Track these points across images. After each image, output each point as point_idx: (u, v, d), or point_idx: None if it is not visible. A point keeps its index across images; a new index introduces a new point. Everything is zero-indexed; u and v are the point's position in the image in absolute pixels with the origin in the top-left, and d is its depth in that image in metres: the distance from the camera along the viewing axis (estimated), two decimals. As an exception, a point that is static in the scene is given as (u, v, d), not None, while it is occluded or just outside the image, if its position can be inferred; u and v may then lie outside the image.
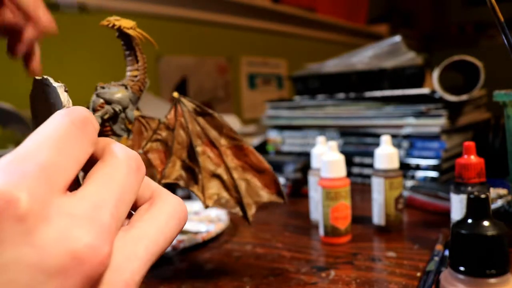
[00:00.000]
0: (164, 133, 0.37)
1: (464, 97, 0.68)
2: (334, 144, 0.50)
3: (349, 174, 0.80)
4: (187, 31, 1.52)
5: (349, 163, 0.80)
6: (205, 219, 0.58)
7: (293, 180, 0.73)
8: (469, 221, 0.30)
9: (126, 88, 0.33)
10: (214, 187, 0.39)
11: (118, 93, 0.32)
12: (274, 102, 0.97)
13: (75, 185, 0.18)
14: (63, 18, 1.15)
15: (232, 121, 1.25)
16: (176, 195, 0.21)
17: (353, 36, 2.43)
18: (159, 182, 0.37)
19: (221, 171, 0.38)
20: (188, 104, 0.37)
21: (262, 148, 1.02)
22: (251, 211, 0.39)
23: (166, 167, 0.37)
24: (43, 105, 0.23)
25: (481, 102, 0.87)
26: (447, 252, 0.43)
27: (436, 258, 0.41)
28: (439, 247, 0.44)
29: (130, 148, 0.21)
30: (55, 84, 0.22)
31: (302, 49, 2.08)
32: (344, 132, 0.85)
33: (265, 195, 0.40)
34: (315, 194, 0.56)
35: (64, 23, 1.17)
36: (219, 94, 1.65)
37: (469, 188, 0.42)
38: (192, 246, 0.49)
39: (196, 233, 0.51)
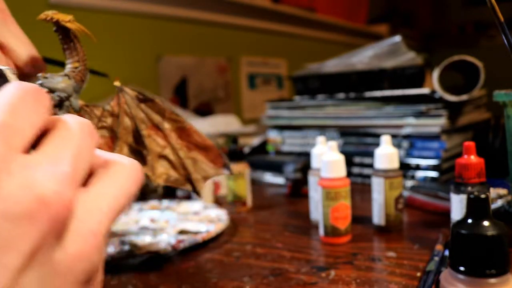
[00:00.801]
0: (109, 120, 0.38)
1: (464, 97, 0.68)
2: (334, 144, 0.50)
3: (349, 174, 0.80)
4: (187, 31, 1.52)
5: (349, 163, 0.80)
6: (205, 219, 0.58)
7: (293, 180, 0.73)
8: (469, 221, 0.30)
9: (69, 78, 0.34)
10: (162, 167, 0.41)
11: (61, 82, 0.33)
12: (274, 102, 0.97)
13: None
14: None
15: (232, 121, 1.25)
16: (177, 195, 0.21)
17: (353, 36, 2.43)
18: None
19: (167, 151, 0.40)
20: (130, 92, 0.39)
21: (262, 148, 1.02)
22: (200, 185, 0.42)
23: (114, 151, 0.38)
24: None
25: (481, 102, 0.87)
26: (447, 252, 0.43)
27: (436, 258, 0.41)
28: (439, 247, 0.44)
29: None
30: (2, 67, 0.23)
31: (302, 49, 2.08)
32: (344, 132, 0.85)
33: (212, 170, 0.42)
34: (315, 194, 0.56)
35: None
36: (219, 94, 1.65)
37: (469, 188, 0.42)
38: (192, 246, 0.49)
39: (196, 233, 0.51)
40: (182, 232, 0.53)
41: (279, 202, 0.71)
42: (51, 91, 0.33)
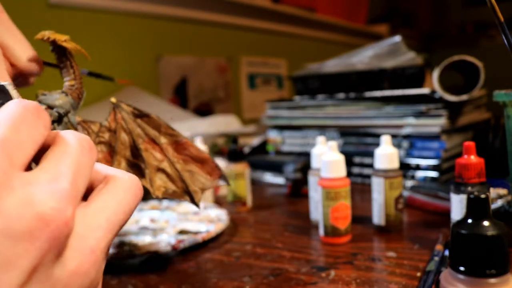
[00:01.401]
0: (106, 135, 0.39)
1: (464, 97, 0.68)
2: (334, 144, 0.50)
3: (349, 174, 0.80)
4: (187, 31, 1.52)
5: (349, 163, 0.80)
6: (205, 219, 0.58)
7: (293, 180, 0.73)
8: (469, 221, 0.30)
9: (66, 95, 0.35)
10: (160, 180, 0.41)
11: (59, 99, 0.34)
12: (274, 102, 0.97)
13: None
14: (62, 17, 1.15)
15: (232, 121, 1.25)
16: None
17: (353, 36, 2.43)
18: None
19: (165, 165, 0.41)
20: (126, 108, 0.40)
21: (262, 148, 1.02)
22: (198, 196, 0.42)
23: (112, 166, 0.39)
24: None
25: (481, 102, 0.87)
26: (447, 252, 0.43)
27: (436, 258, 0.41)
28: (439, 247, 0.44)
29: None
30: (2, 83, 0.23)
31: (302, 49, 2.08)
32: (344, 132, 0.85)
33: (209, 182, 0.43)
34: (315, 194, 0.56)
35: (63, 22, 1.17)
36: (219, 94, 1.65)
37: (469, 188, 0.42)
38: (192, 246, 0.49)
39: (196, 233, 0.51)
40: (182, 232, 0.53)
41: (279, 202, 0.71)
42: (50, 107, 0.34)
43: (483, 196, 0.29)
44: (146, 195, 0.39)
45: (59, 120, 0.34)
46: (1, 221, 0.15)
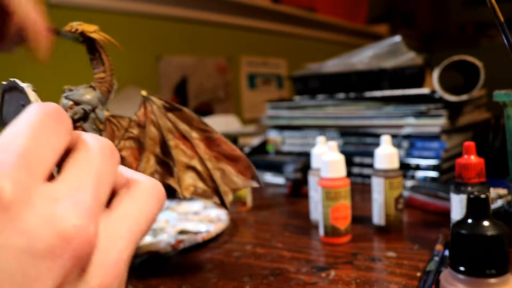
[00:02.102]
0: (135, 131, 0.38)
1: (464, 97, 0.68)
2: (334, 144, 0.50)
3: (349, 174, 0.80)
4: (187, 31, 1.52)
5: (349, 163, 0.80)
6: (205, 219, 0.58)
7: (293, 180, 0.73)
8: (469, 221, 0.30)
9: (94, 89, 0.34)
10: (190, 179, 0.40)
11: (86, 94, 0.33)
12: (274, 102, 0.97)
13: (52, 179, 0.18)
14: (62, 17, 1.15)
15: (232, 121, 1.25)
16: (177, 195, 0.22)
17: (353, 36, 2.43)
18: None
19: (195, 162, 0.39)
20: (156, 101, 0.38)
21: (262, 148, 1.02)
22: (228, 198, 0.40)
23: (141, 163, 0.38)
24: (13, 109, 0.24)
25: (481, 102, 0.87)
26: (447, 252, 0.43)
27: (436, 258, 0.41)
28: (439, 247, 0.44)
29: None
30: (22, 84, 0.23)
31: (302, 49, 2.08)
32: (344, 132, 0.85)
33: (241, 182, 0.40)
34: (315, 194, 0.56)
35: (63, 22, 1.17)
36: (219, 94, 1.65)
37: (469, 188, 0.42)
38: (192, 246, 0.49)
39: (196, 233, 0.51)
40: (182, 232, 0.53)
41: (279, 202, 0.71)
42: (76, 103, 0.32)
43: (483, 196, 0.29)
44: (173, 193, 0.38)
45: (85, 117, 0.33)
46: (23, 239, 0.15)
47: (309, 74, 0.92)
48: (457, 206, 0.43)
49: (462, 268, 0.29)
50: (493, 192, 0.52)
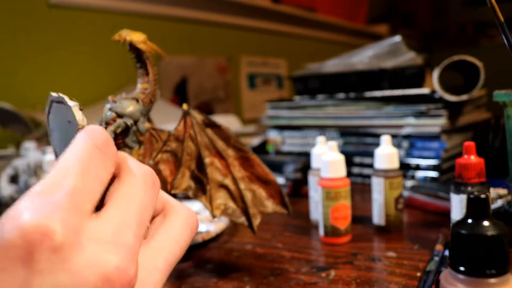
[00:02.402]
0: (174, 145, 0.38)
1: (464, 97, 0.68)
2: (334, 144, 0.50)
3: (349, 174, 0.80)
4: (187, 31, 1.52)
5: (349, 163, 0.80)
6: (205, 219, 0.58)
7: (293, 180, 0.73)
8: (469, 221, 0.30)
9: (137, 101, 0.34)
10: (221, 197, 0.40)
11: (129, 107, 0.33)
12: (274, 102, 0.97)
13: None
14: (62, 17, 1.15)
15: (232, 121, 1.25)
16: (176, 195, 0.22)
17: (353, 36, 2.43)
18: (168, 193, 0.38)
19: (228, 181, 0.40)
20: (197, 116, 0.38)
21: (262, 148, 1.02)
22: (257, 221, 0.41)
23: (176, 177, 0.38)
24: (59, 121, 0.24)
25: (481, 102, 0.87)
26: (447, 252, 0.43)
27: (436, 258, 0.41)
28: (439, 247, 0.44)
29: (142, 159, 0.22)
30: (70, 103, 0.23)
31: (302, 49, 2.08)
32: (344, 132, 0.85)
33: (270, 205, 0.41)
34: (315, 194, 0.56)
35: (63, 22, 1.17)
36: (219, 94, 1.65)
37: (469, 188, 0.42)
38: (192, 246, 0.49)
39: (196, 233, 0.51)
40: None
41: (279, 202, 0.71)
42: (119, 116, 0.33)
43: (483, 196, 0.29)
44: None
45: (126, 131, 0.33)
46: (71, 279, 0.16)
47: (309, 74, 0.92)
48: (457, 206, 0.43)
49: (462, 268, 0.29)
50: (493, 192, 0.52)
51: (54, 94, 0.24)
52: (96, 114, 0.47)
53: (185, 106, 0.39)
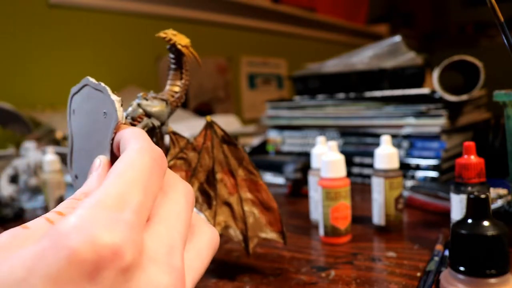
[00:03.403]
0: (190, 154, 0.38)
1: (464, 97, 0.68)
2: (334, 144, 0.50)
3: (349, 174, 0.80)
4: (187, 31, 1.52)
5: (349, 163, 0.80)
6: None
7: (293, 180, 0.73)
8: (469, 221, 0.30)
9: (167, 103, 0.33)
10: (223, 214, 0.41)
11: (158, 107, 0.33)
12: (274, 102, 0.97)
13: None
14: (62, 17, 1.15)
15: (232, 121, 1.25)
16: None
17: (353, 36, 2.43)
18: None
19: (233, 200, 0.40)
20: (217, 131, 0.39)
21: (262, 148, 1.02)
22: (252, 244, 0.41)
23: None
24: (89, 107, 0.23)
25: (481, 102, 0.87)
26: (447, 252, 0.43)
27: (436, 258, 0.41)
28: (439, 247, 0.44)
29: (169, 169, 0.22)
30: (113, 97, 0.22)
31: (302, 49, 2.08)
32: (344, 132, 0.85)
33: (268, 232, 0.41)
34: (315, 194, 0.56)
35: (63, 22, 1.17)
36: (219, 94, 1.65)
37: (469, 188, 0.42)
38: (192, 246, 0.49)
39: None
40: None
41: (279, 202, 0.71)
42: (146, 114, 0.32)
43: (483, 196, 0.29)
44: None
45: (151, 132, 0.33)
46: None
47: (309, 74, 0.92)
48: (457, 206, 0.44)
49: (462, 268, 0.29)
50: (493, 192, 0.52)
51: (92, 79, 0.23)
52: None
53: (208, 118, 0.39)
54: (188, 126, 1.06)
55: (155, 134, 0.33)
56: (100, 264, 0.15)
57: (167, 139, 0.37)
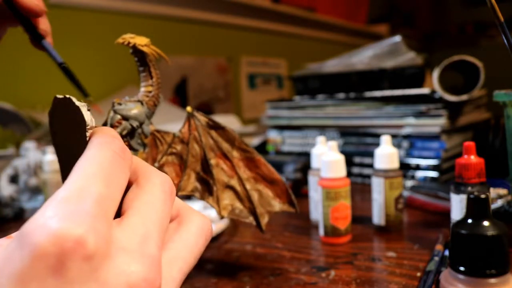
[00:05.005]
0: (178, 147, 0.38)
1: (464, 97, 0.68)
2: (334, 144, 0.50)
3: (349, 174, 0.80)
4: (187, 31, 1.52)
5: (349, 163, 0.80)
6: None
7: (293, 180, 0.73)
8: (469, 221, 0.30)
9: (142, 104, 0.34)
10: (228, 198, 0.40)
11: (134, 109, 0.33)
12: (274, 102, 0.97)
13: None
14: (62, 17, 1.15)
15: (232, 121, 1.25)
16: (176, 195, 0.22)
17: (353, 36, 2.43)
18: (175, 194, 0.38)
19: (234, 182, 0.40)
20: (201, 118, 0.39)
21: (262, 148, 1.02)
22: (264, 220, 0.41)
23: (182, 179, 0.38)
24: (64, 123, 0.24)
25: (481, 102, 0.87)
26: (447, 252, 0.43)
27: (436, 258, 0.41)
28: (439, 247, 0.44)
29: (145, 161, 0.22)
30: (78, 103, 0.23)
31: (302, 49, 2.08)
32: (344, 132, 0.85)
33: (277, 205, 0.41)
34: (315, 194, 0.56)
35: (63, 22, 1.17)
36: (219, 94, 1.65)
37: (469, 188, 0.42)
38: (192, 246, 0.49)
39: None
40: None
41: (279, 202, 0.71)
42: (124, 118, 0.33)
43: (483, 196, 0.29)
44: None
45: (132, 133, 0.33)
46: None
47: (309, 74, 0.92)
48: (457, 206, 0.43)
49: (462, 268, 0.29)
50: (493, 192, 0.52)
51: (59, 96, 0.24)
52: (97, 113, 0.47)
53: (189, 108, 0.39)
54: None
55: (136, 134, 0.34)
56: (63, 256, 0.15)
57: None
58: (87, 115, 0.23)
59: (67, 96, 0.24)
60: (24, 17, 0.33)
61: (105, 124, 0.32)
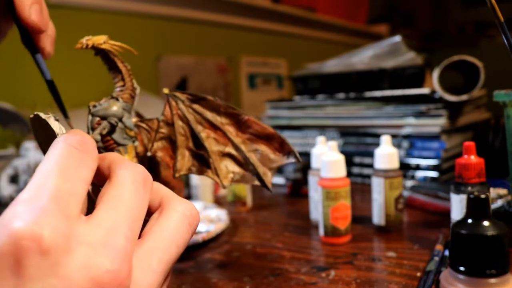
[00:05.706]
0: (165, 130, 0.38)
1: (464, 97, 0.68)
2: (334, 144, 0.50)
3: (349, 174, 0.80)
4: (187, 31, 1.52)
5: (349, 163, 0.80)
6: (205, 219, 0.58)
7: (293, 180, 0.73)
8: (469, 221, 0.30)
9: (117, 99, 0.34)
10: (226, 167, 0.39)
11: (110, 106, 0.34)
12: (274, 102, 0.97)
13: (88, 201, 0.19)
14: (62, 17, 1.15)
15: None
16: None
17: (353, 36, 2.43)
18: (174, 177, 0.38)
19: (229, 149, 0.39)
20: (180, 96, 0.38)
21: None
22: (268, 178, 0.39)
23: (176, 161, 0.38)
24: (43, 134, 0.25)
25: (481, 102, 0.87)
26: (447, 252, 0.43)
27: (436, 258, 0.41)
28: (439, 247, 0.44)
29: (141, 154, 0.22)
30: (44, 116, 0.24)
31: (302, 49, 2.07)
32: (344, 132, 0.85)
33: (278, 159, 0.39)
34: (315, 194, 0.56)
35: (63, 22, 1.17)
36: (219, 94, 1.65)
37: (469, 188, 0.42)
38: (192, 246, 0.49)
39: (196, 233, 0.51)
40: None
41: (279, 202, 0.71)
42: (103, 118, 0.33)
43: (483, 196, 0.29)
44: None
45: (113, 130, 0.33)
46: (61, 284, 0.16)
47: (309, 74, 0.92)
48: (457, 206, 0.43)
49: (462, 268, 0.29)
50: (493, 192, 0.52)
51: (31, 115, 0.25)
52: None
53: (165, 90, 0.38)
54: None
55: (118, 130, 0.34)
56: (20, 254, 0.15)
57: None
58: (55, 125, 0.23)
59: (36, 112, 0.24)
60: (23, 29, 0.33)
61: (87, 130, 0.33)
